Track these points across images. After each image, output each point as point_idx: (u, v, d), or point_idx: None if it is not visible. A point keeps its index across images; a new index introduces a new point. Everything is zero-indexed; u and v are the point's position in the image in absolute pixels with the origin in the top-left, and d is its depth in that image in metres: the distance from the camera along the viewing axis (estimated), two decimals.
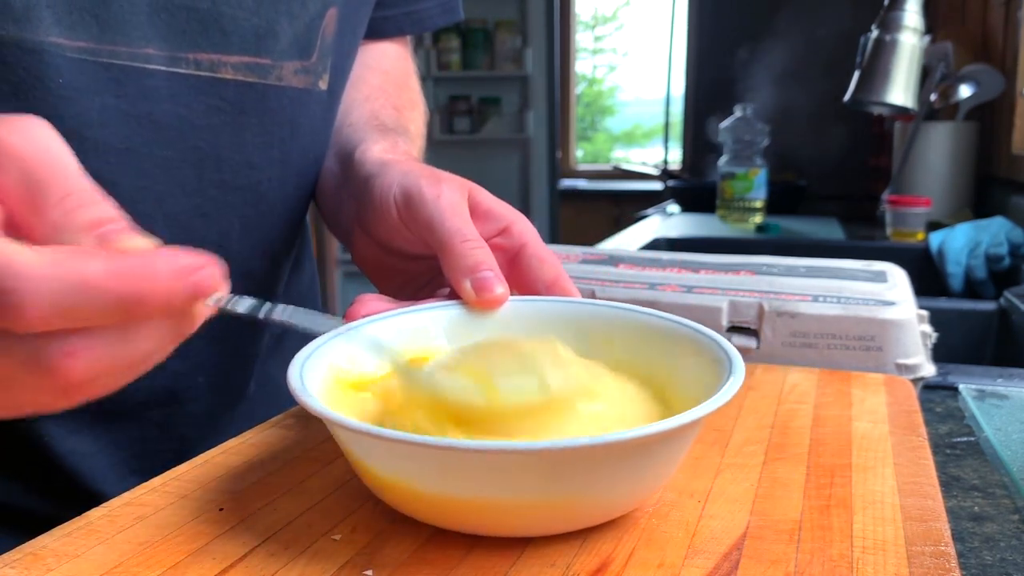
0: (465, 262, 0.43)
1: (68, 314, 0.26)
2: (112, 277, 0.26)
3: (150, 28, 0.45)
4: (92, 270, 0.26)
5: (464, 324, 0.43)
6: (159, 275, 0.27)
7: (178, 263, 0.27)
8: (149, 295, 0.26)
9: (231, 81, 0.49)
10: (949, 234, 1.47)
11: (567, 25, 4.04)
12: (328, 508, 0.36)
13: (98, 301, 0.26)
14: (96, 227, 0.28)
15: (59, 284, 0.25)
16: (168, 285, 0.27)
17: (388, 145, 0.55)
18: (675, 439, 0.33)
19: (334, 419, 0.31)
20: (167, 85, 0.47)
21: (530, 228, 0.47)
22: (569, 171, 4.13)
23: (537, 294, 0.45)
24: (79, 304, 0.26)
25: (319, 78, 0.54)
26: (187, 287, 0.27)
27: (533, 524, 0.32)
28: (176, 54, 0.46)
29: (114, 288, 0.26)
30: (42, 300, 0.25)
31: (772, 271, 0.67)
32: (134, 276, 0.26)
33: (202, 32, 0.47)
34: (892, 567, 0.31)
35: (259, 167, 0.52)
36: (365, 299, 0.43)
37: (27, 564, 0.31)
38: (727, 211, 1.98)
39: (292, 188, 0.56)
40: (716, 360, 0.37)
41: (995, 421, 0.55)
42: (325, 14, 0.53)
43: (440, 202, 0.45)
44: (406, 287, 0.51)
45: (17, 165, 0.28)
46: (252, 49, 0.49)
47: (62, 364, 0.27)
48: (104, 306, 0.26)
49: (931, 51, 1.69)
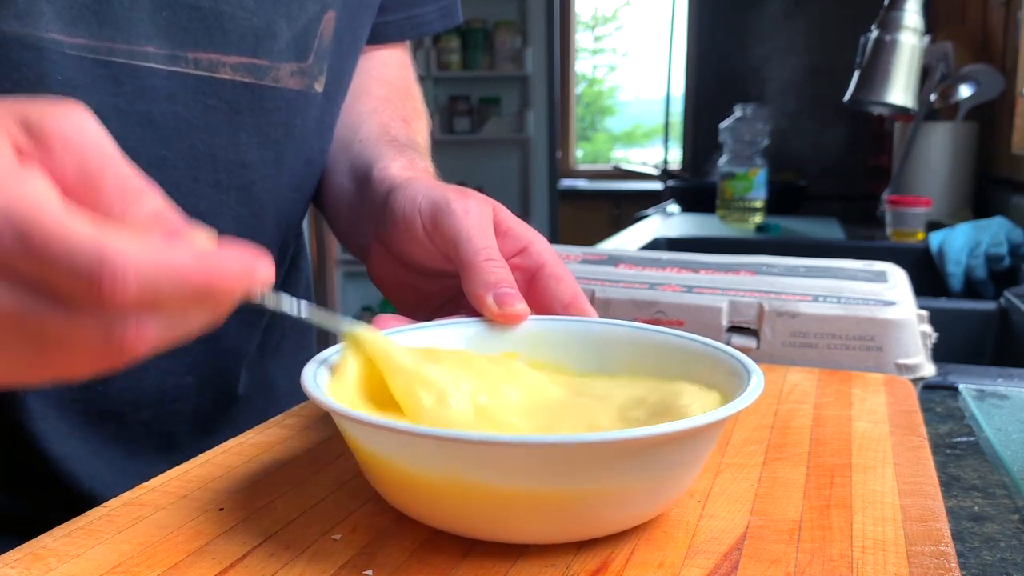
0: (488, 278, 0.43)
1: (155, 297, 0.27)
2: (195, 267, 0.28)
3: (151, 26, 0.45)
4: (179, 259, 0.27)
5: (482, 341, 0.43)
6: (232, 269, 0.28)
7: (246, 259, 0.29)
8: (222, 287, 0.28)
9: (228, 81, 0.49)
10: (949, 234, 1.47)
11: (567, 25, 4.04)
12: (328, 508, 0.36)
13: (182, 287, 0.27)
14: (157, 220, 0.29)
15: (152, 270, 0.27)
16: (237, 277, 0.29)
17: (406, 162, 0.56)
18: (691, 442, 0.32)
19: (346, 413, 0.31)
20: (165, 84, 0.47)
21: (548, 248, 0.48)
22: (569, 171, 4.12)
23: (554, 313, 0.46)
24: (166, 289, 0.27)
25: (315, 80, 0.54)
26: (251, 280, 0.29)
27: (535, 526, 0.32)
28: (176, 52, 0.47)
29: (195, 278, 0.28)
30: (136, 283, 0.27)
31: (772, 271, 0.67)
32: (214, 269, 0.28)
33: (203, 31, 0.47)
34: (892, 567, 0.31)
35: (253, 167, 0.52)
36: (383, 318, 0.44)
37: (27, 564, 0.31)
38: (727, 211, 1.98)
39: (286, 189, 0.56)
40: (734, 374, 0.37)
41: (995, 421, 0.55)
42: (323, 17, 0.53)
43: (468, 218, 0.45)
44: (423, 306, 0.52)
45: (72, 154, 0.29)
46: (250, 50, 0.49)
47: (133, 340, 0.28)
48: (185, 294, 0.28)
49: (931, 51, 1.69)
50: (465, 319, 0.44)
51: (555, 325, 0.44)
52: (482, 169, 3.85)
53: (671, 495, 0.34)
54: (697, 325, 0.61)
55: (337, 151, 0.61)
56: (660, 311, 0.62)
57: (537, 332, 0.44)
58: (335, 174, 0.61)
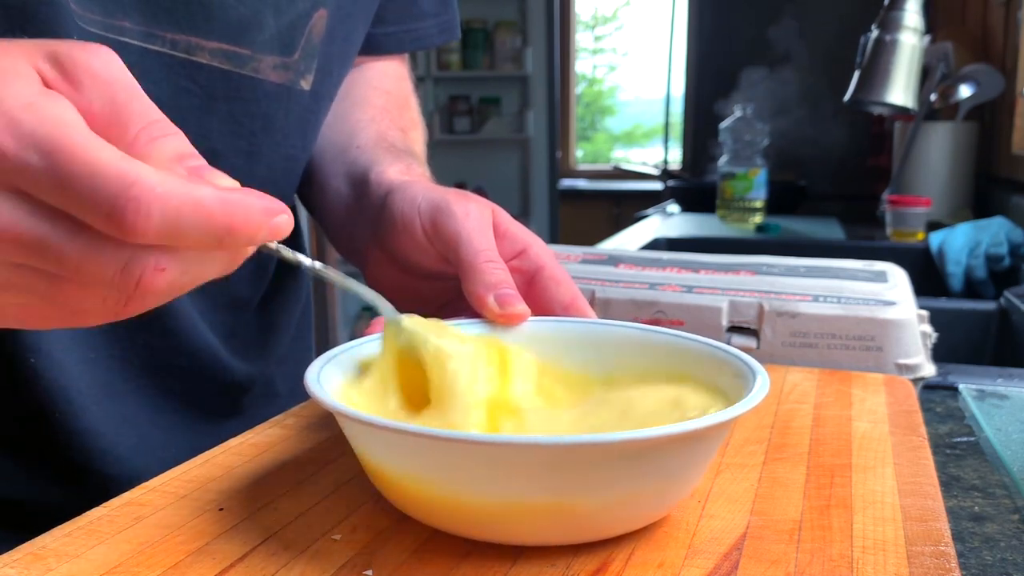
0: (489, 279, 0.43)
1: (176, 233, 0.27)
2: (218, 205, 0.28)
3: (129, 2, 0.45)
4: (203, 195, 0.27)
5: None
6: (254, 211, 0.28)
7: (268, 203, 0.29)
8: (243, 227, 0.28)
9: (205, 66, 0.49)
10: (949, 234, 1.47)
11: (567, 25, 4.04)
12: (328, 508, 0.36)
13: (204, 225, 0.27)
14: (182, 158, 0.29)
15: (177, 203, 0.27)
16: (259, 221, 0.29)
17: (403, 167, 0.56)
18: (697, 443, 0.32)
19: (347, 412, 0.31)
20: (138, 60, 0.46)
21: (547, 251, 0.48)
22: (569, 171, 4.12)
23: (554, 315, 0.46)
24: (188, 225, 0.27)
25: (301, 77, 0.54)
26: (271, 226, 0.29)
27: (538, 528, 0.32)
28: (153, 31, 0.46)
29: (218, 216, 0.28)
30: (159, 215, 0.27)
31: (772, 271, 0.67)
32: (236, 208, 0.28)
33: (186, 13, 0.47)
34: (892, 567, 0.31)
35: (223, 156, 0.52)
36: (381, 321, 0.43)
37: (27, 564, 0.31)
38: (727, 211, 1.98)
39: (260, 183, 0.56)
40: (737, 375, 0.37)
41: (995, 421, 0.55)
42: (313, 14, 0.53)
43: (468, 220, 0.46)
44: (421, 309, 0.52)
45: (100, 89, 0.29)
46: (233, 37, 0.49)
47: (150, 277, 0.28)
48: (206, 231, 0.28)
49: (931, 51, 1.69)
50: (464, 320, 0.44)
51: (557, 326, 0.44)
52: (482, 169, 3.85)
53: (677, 497, 0.34)
54: (697, 325, 0.61)
55: (334, 156, 0.61)
56: (660, 311, 0.62)
57: (538, 333, 0.44)
58: (331, 178, 0.61)
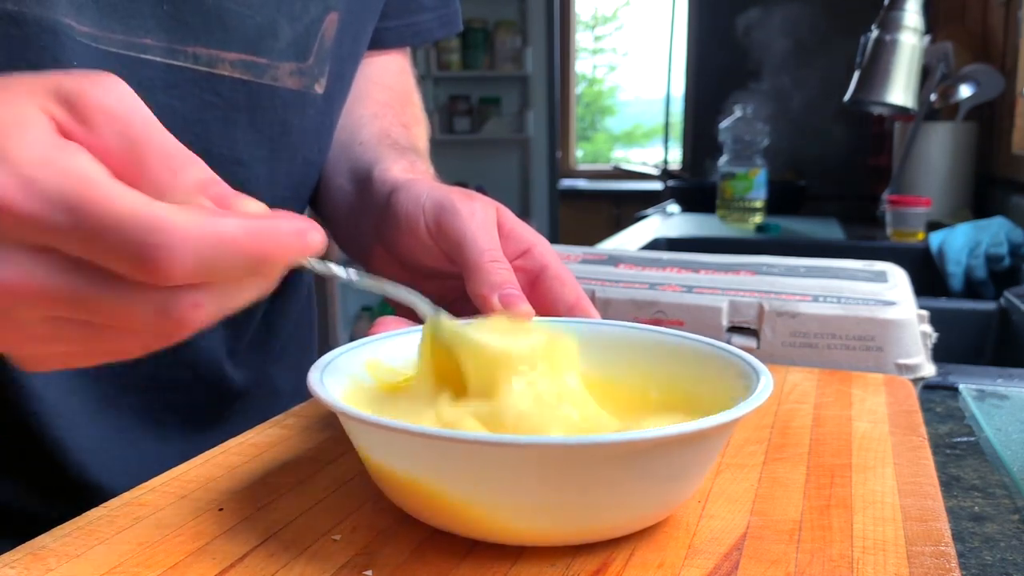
0: (493, 278, 0.43)
1: (207, 270, 0.27)
2: (248, 237, 0.27)
3: (151, 19, 0.45)
4: (231, 229, 0.27)
5: None
6: (284, 236, 0.28)
7: (297, 224, 0.29)
8: (276, 253, 0.28)
9: (227, 78, 0.49)
10: (949, 234, 1.47)
11: (567, 25, 4.04)
12: (328, 508, 0.36)
13: (235, 259, 0.27)
14: (205, 188, 0.29)
15: (203, 242, 0.26)
16: (290, 243, 0.28)
17: (407, 164, 0.56)
18: (702, 444, 0.32)
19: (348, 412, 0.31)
20: (163, 77, 0.46)
21: (551, 250, 0.48)
22: (569, 171, 4.12)
23: (558, 315, 0.46)
24: (218, 261, 0.27)
25: (315, 81, 0.54)
26: (303, 247, 0.29)
27: (537, 528, 0.32)
28: (175, 46, 0.47)
29: (248, 247, 0.27)
30: (188, 257, 0.26)
31: (772, 271, 0.67)
32: (265, 236, 0.28)
33: (204, 26, 0.47)
34: (892, 567, 0.31)
35: (248, 165, 0.52)
36: (385, 320, 0.44)
37: (27, 564, 0.31)
38: (727, 211, 1.98)
39: (282, 188, 0.56)
40: (742, 375, 0.37)
41: (995, 421, 0.55)
42: (325, 18, 0.53)
43: (473, 219, 0.45)
44: None
45: (115, 127, 0.28)
46: (251, 47, 0.50)
47: (188, 315, 0.28)
48: (238, 263, 0.27)
49: (931, 51, 1.69)
50: (468, 320, 0.44)
51: (561, 327, 0.44)
52: (482, 169, 3.85)
53: (679, 498, 0.34)
54: (697, 325, 0.61)
55: (337, 153, 0.61)
56: (660, 311, 0.62)
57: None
58: (334, 176, 0.61)
